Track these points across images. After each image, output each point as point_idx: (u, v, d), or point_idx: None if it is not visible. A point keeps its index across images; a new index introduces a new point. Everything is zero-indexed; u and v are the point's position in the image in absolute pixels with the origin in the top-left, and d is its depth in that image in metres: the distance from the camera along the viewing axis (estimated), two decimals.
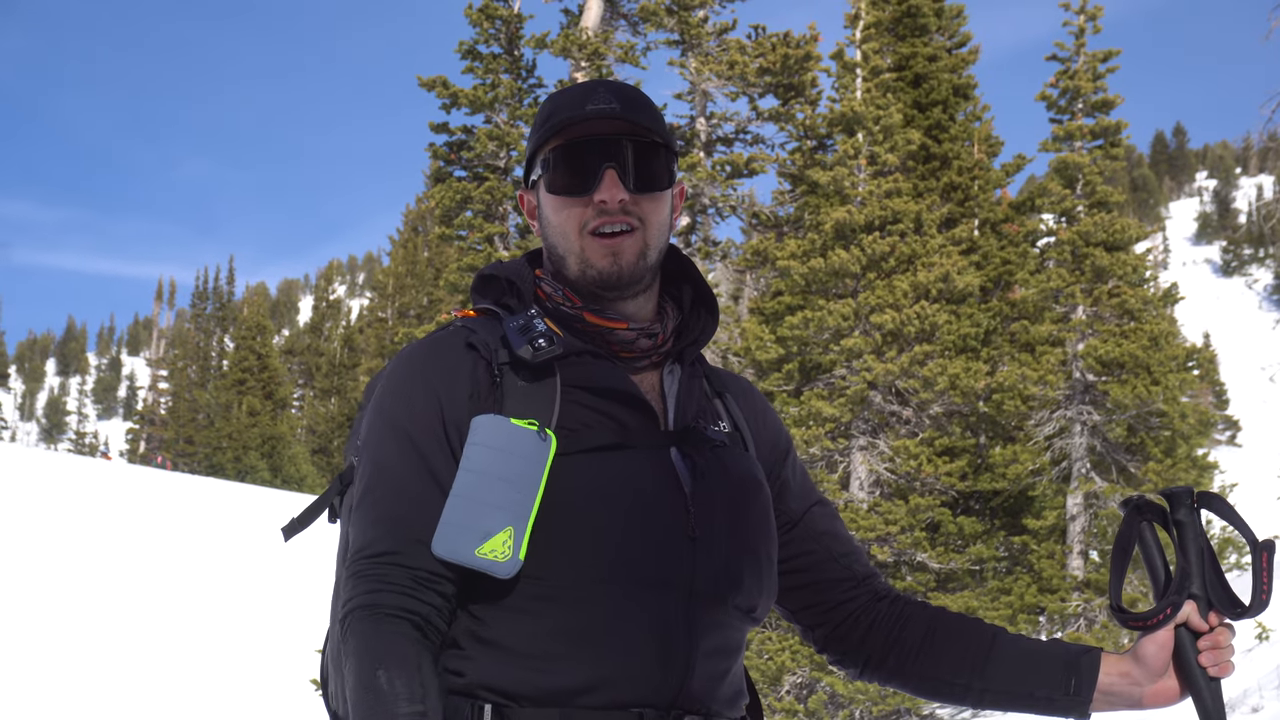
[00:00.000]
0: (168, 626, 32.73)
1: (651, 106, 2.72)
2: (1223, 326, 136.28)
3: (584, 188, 2.62)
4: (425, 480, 2.49)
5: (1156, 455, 26.97)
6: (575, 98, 2.67)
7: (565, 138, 2.65)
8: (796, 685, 22.92)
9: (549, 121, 2.67)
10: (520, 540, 2.40)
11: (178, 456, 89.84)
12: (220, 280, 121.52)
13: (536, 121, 2.74)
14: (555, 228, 2.68)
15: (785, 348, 25.45)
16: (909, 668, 2.84)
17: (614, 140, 2.63)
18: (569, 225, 2.65)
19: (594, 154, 2.62)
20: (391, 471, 2.52)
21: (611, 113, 2.63)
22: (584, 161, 2.63)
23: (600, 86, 2.68)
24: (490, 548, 2.39)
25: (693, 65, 26.86)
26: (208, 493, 57.03)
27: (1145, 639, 2.60)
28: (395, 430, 2.55)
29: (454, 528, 2.41)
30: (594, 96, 2.65)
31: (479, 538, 2.39)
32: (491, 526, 2.40)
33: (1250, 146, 27.42)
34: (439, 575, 2.45)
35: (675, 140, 2.76)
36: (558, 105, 2.69)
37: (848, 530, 2.96)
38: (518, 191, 2.86)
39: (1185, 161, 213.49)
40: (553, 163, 2.66)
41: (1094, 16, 28.92)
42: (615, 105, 2.64)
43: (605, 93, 2.66)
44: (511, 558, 2.39)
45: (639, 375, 2.69)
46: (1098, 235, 27.26)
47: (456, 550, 2.40)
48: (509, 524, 2.40)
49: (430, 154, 26.01)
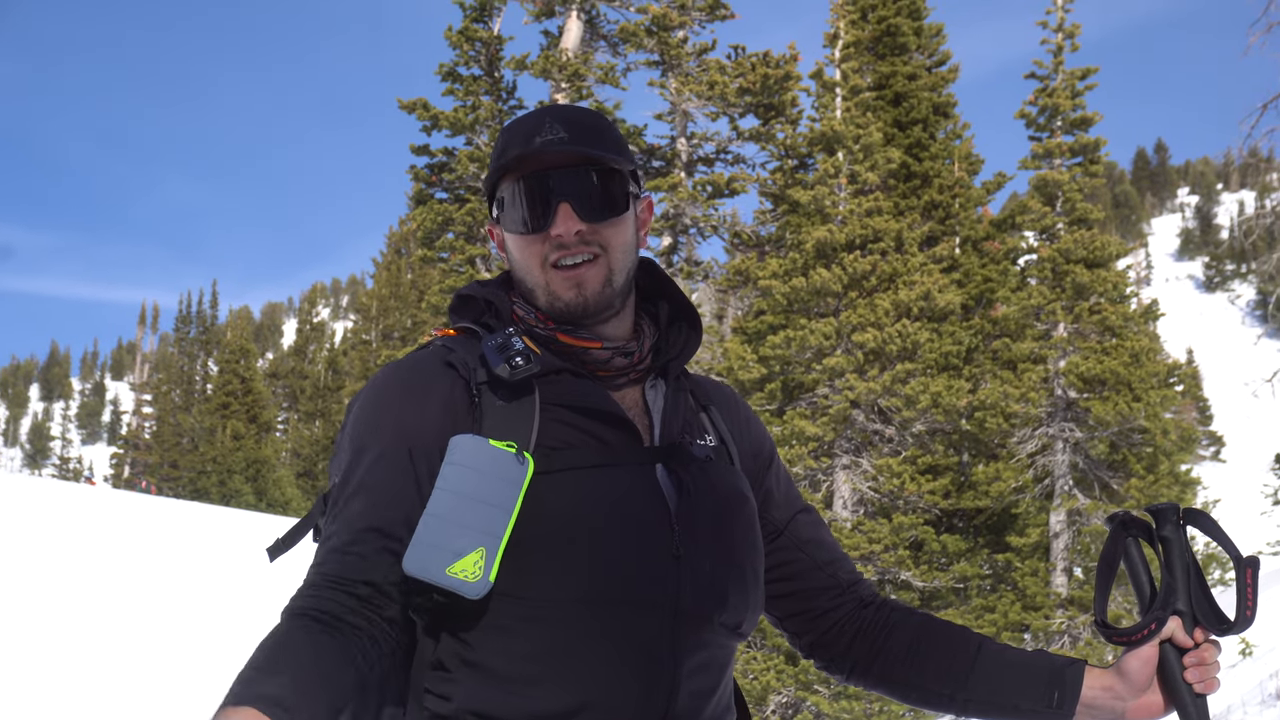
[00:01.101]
0: (153, 651, 32.62)
1: (604, 129, 2.69)
2: (1206, 342, 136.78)
3: (539, 225, 2.60)
4: (390, 506, 2.47)
5: (1139, 471, 27.01)
6: (524, 131, 2.64)
7: (516, 174, 2.63)
8: (782, 705, 22.90)
9: (501, 158, 2.65)
10: (491, 562, 2.38)
11: (162, 481, 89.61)
12: (204, 304, 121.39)
13: (492, 156, 2.72)
14: (519, 263, 2.67)
15: (768, 367, 25.47)
16: (894, 675, 2.83)
17: (564, 172, 2.61)
18: (530, 261, 2.63)
19: (545, 189, 2.60)
20: (352, 487, 2.50)
21: (560, 143, 2.59)
22: (535, 197, 2.60)
23: (548, 116, 2.66)
24: (460, 567, 2.36)
25: (673, 86, 26.90)
26: (192, 517, 56.85)
27: (1130, 654, 2.58)
28: (364, 451, 2.54)
29: (426, 546, 2.38)
30: (541, 128, 2.62)
31: (450, 557, 2.36)
32: (463, 547, 2.37)
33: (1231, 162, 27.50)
34: (379, 591, 2.41)
35: (632, 156, 2.74)
36: (510, 139, 2.66)
37: (832, 537, 2.94)
38: (486, 225, 2.85)
39: (1167, 178, 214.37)
40: (506, 201, 2.64)
41: (1072, 35, 29.03)
42: (563, 135, 2.61)
43: (553, 123, 2.63)
44: (481, 579, 2.37)
45: (620, 393, 2.67)
46: (1078, 252, 27.33)
47: (427, 568, 2.36)
48: (481, 545, 2.38)
49: (412, 176, 26.02)
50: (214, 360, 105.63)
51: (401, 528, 2.45)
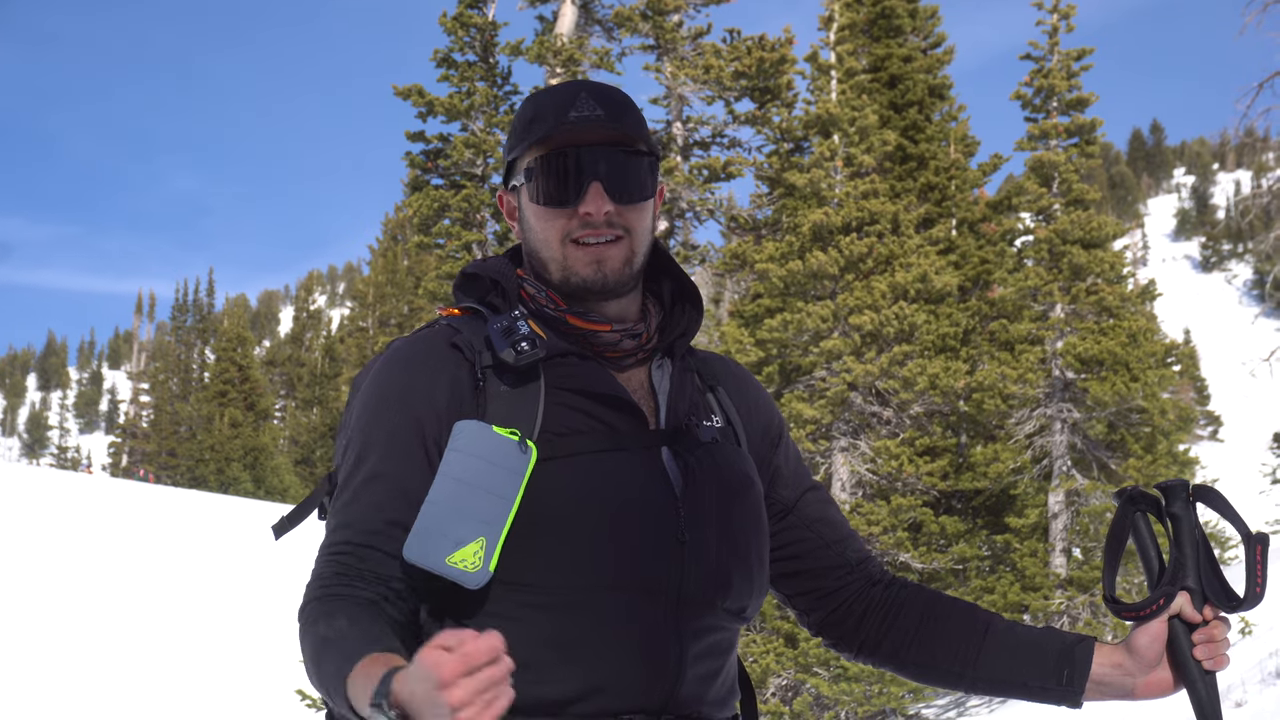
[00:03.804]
0: (153, 639, 32.64)
1: (634, 110, 2.68)
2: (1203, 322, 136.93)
3: (568, 199, 2.59)
4: (397, 487, 2.47)
5: (1137, 452, 27.02)
6: (558, 102, 2.62)
7: (548, 147, 2.61)
8: (782, 687, 22.91)
9: (531, 128, 2.63)
10: (492, 551, 2.38)
11: (160, 469, 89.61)
12: (200, 292, 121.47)
13: (517, 124, 2.68)
14: (537, 235, 2.65)
15: (765, 350, 25.45)
16: (903, 654, 2.83)
17: (598, 150, 2.59)
18: (551, 235, 2.62)
19: (578, 165, 2.58)
20: (366, 476, 2.50)
21: (596, 120, 2.59)
22: (567, 172, 2.59)
23: (583, 90, 2.64)
24: (461, 557, 2.36)
25: (668, 70, 26.83)
26: (191, 505, 56.93)
27: (1139, 630, 2.59)
28: (371, 430, 2.54)
29: (427, 534, 2.38)
30: (577, 102, 2.61)
31: (451, 546, 2.37)
32: (464, 535, 2.37)
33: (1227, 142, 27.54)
34: (394, 577, 2.43)
35: (657, 144, 2.73)
36: (540, 110, 2.64)
37: (841, 515, 2.94)
38: (497, 193, 2.83)
39: (1163, 158, 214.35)
40: (536, 172, 2.62)
41: (1067, 15, 28.97)
42: (599, 112, 2.60)
43: (588, 98, 2.62)
44: (481, 568, 2.37)
45: (626, 374, 2.67)
46: (1075, 233, 27.31)
47: (427, 557, 2.37)
48: (481, 534, 2.38)
49: (407, 163, 25.97)
50: (211, 348, 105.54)
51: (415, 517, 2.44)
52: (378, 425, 2.54)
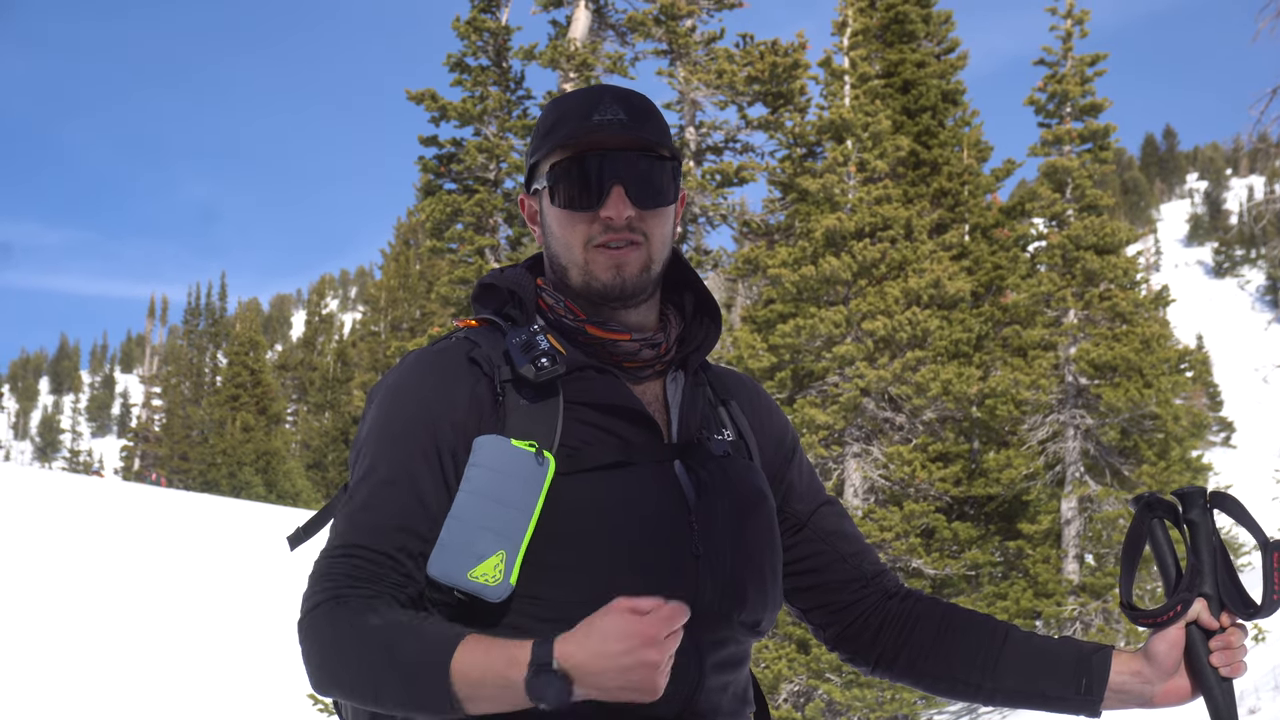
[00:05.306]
0: (165, 643, 32.67)
1: (657, 114, 2.68)
2: (1216, 328, 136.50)
3: (590, 203, 2.58)
4: (410, 495, 2.48)
5: (1150, 458, 26.99)
6: (581, 106, 2.62)
7: (571, 151, 2.61)
8: (794, 694, 22.91)
9: (554, 131, 2.62)
10: (512, 565, 2.39)
11: (172, 473, 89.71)
12: (212, 296, 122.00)
13: (540, 128, 2.68)
14: (559, 239, 2.65)
15: (777, 356, 25.46)
16: (920, 666, 2.82)
17: (621, 155, 2.59)
18: (573, 239, 2.61)
19: (600, 169, 2.58)
20: (379, 482, 2.50)
21: (619, 124, 2.58)
22: (590, 177, 2.58)
23: (607, 94, 2.64)
24: (481, 571, 2.38)
25: (681, 75, 26.86)
26: (203, 509, 56.95)
27: (1156, 637, 2.59)
28: (387, 442, 2.54)
29: (449, 549, 2.40)
30: (600, 106, 2.60)
31: (472, 560, 2.38)
32: (484, 550, 2.39)
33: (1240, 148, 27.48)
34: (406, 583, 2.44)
35: (680, 150, 2.73)
36: (563, 113, 2.64)
37: (856, 528, 2.94)
38: (519, 195, 2.83)
39: (1176, 164, 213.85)
40: (558, 176, 2.61)
41: (1081, 21, 28.94)
42: (622, 116, 2.59)
43: (611, 102, 2.61)
44: (502, 582, 2.38)
45: (642, 386, 2.67)
46: (1088, 239, 27.29)
47: (449, 572, 2.39)
48: (501, 548, 2.39)
49: (420, 167, 26.00)
50: (223, 352, 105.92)
51: (428, 526, 2.46)
52: (392, 433, 2.54)
